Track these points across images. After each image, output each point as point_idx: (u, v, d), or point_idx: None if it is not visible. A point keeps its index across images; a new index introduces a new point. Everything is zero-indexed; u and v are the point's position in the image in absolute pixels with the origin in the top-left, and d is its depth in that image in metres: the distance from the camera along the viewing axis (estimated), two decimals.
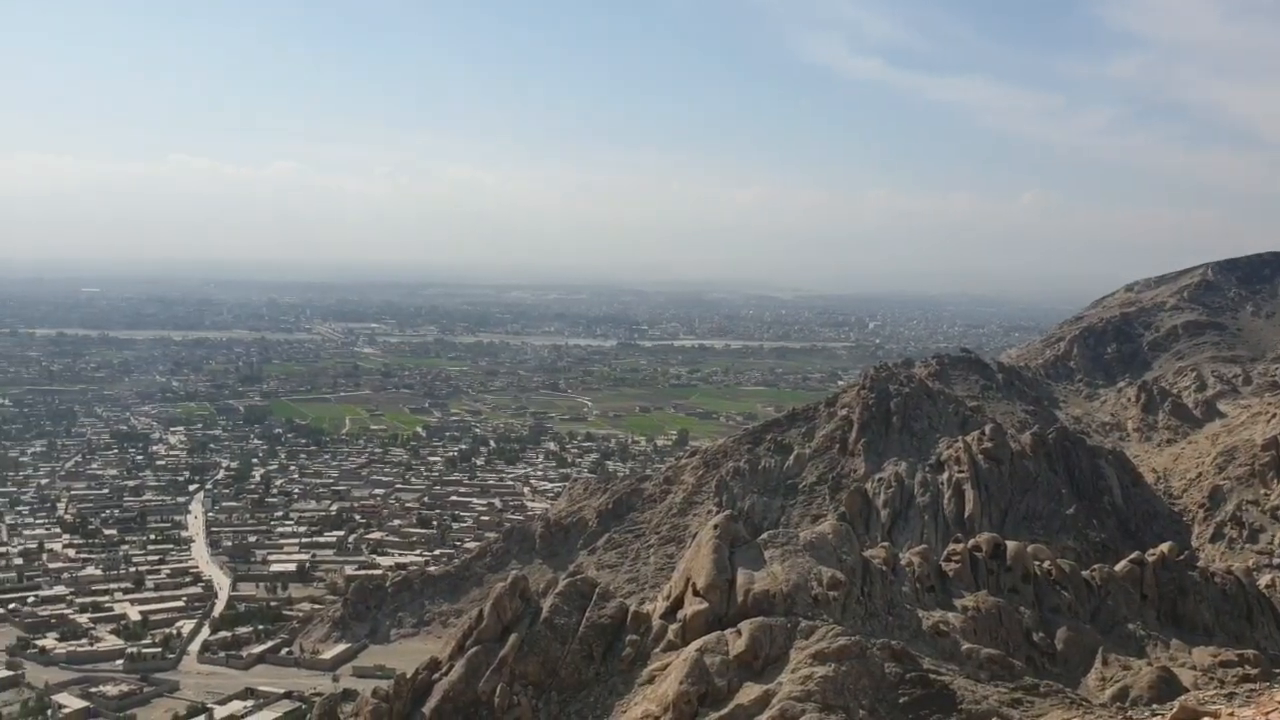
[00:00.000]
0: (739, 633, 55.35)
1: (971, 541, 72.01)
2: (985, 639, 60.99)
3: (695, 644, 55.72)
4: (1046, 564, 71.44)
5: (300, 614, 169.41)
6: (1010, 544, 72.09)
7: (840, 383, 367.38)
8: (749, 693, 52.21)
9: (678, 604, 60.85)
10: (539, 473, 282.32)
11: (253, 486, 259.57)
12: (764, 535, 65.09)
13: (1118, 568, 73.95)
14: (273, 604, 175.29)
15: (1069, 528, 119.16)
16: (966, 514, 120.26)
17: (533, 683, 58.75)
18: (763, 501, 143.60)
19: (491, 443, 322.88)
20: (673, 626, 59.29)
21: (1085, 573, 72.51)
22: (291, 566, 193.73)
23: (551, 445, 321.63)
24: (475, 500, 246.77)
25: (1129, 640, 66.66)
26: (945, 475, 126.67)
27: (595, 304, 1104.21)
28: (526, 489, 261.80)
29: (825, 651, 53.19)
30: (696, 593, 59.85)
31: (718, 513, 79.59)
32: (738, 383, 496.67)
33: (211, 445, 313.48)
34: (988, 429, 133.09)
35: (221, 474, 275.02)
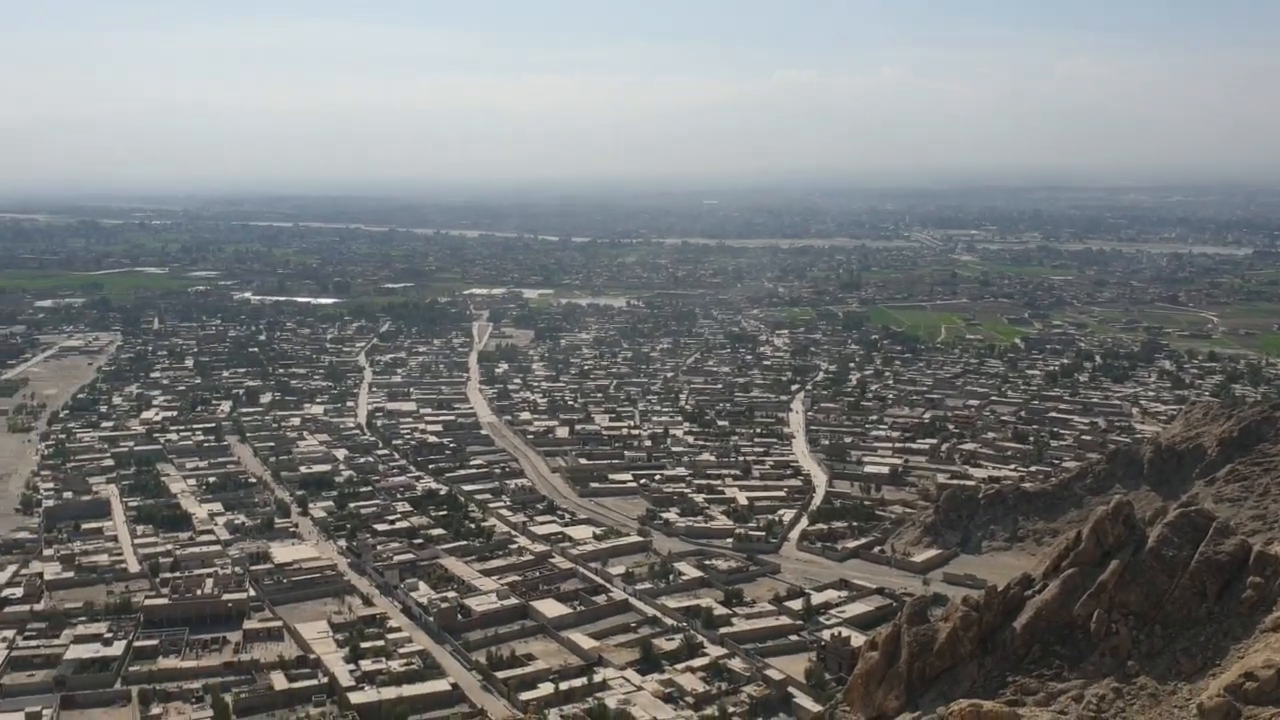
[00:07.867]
0: None
1: None
2: None
3: None
4: None
5: (892, 515, 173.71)
6: None
7: None
8: None
9: None
10: (1150, 393, 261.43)
11: (849, 390, 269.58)
12: None
13: None
14: (866, 503, 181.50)
15: None
16: None
17: (1134, 613, 54.52)
18: None
19: (1097, 358, 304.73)
20: None
21: None
22: (884, 469, 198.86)
23: (1167, 364, 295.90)
24: (1076, 418, 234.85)
25: None
26: None
27: (1226, 207, 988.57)
28: (1135, 409, 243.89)
29: None
30: None
31: None
32: None
33: (812, 348, 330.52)
34: None
35: (820, 376, 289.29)
